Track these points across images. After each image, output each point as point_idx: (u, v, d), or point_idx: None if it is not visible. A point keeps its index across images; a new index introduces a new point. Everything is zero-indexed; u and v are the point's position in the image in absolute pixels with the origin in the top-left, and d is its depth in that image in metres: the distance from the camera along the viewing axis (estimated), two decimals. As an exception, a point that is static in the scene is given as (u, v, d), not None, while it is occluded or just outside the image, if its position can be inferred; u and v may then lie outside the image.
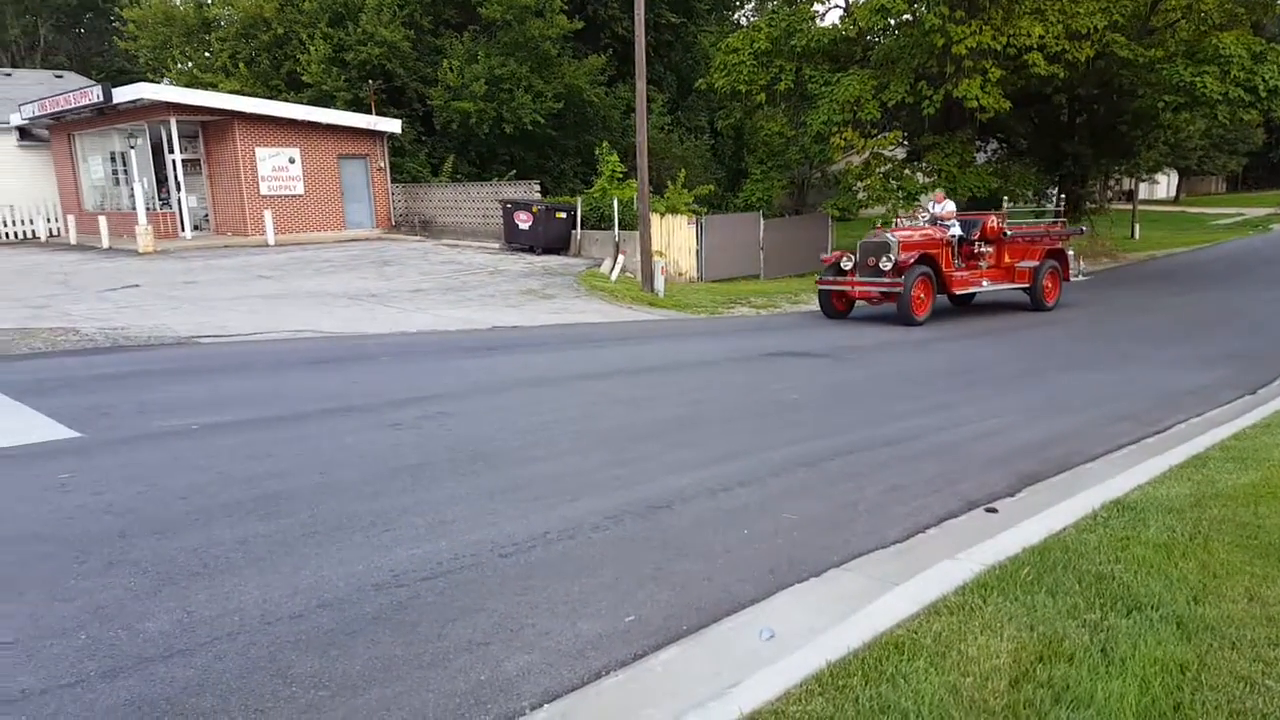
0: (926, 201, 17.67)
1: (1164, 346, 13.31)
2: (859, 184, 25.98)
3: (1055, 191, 32.42)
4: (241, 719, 3.26)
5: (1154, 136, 30.01)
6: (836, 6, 27.90)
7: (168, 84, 30.18)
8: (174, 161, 25.92)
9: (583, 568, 4.65)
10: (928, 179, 26.21)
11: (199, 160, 27.74)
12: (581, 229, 24.66)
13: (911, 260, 15.54)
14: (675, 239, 23.37)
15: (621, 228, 22.88)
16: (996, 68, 22.42)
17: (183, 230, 26.51)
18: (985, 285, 17.39)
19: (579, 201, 25.03)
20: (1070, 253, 18.79)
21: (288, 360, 10.90)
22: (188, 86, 28.91)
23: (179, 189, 26.37)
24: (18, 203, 29.78)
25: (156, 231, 24.57)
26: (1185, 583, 4.28)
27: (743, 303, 19.49)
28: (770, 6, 33.12)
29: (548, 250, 24.24)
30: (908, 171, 26.39)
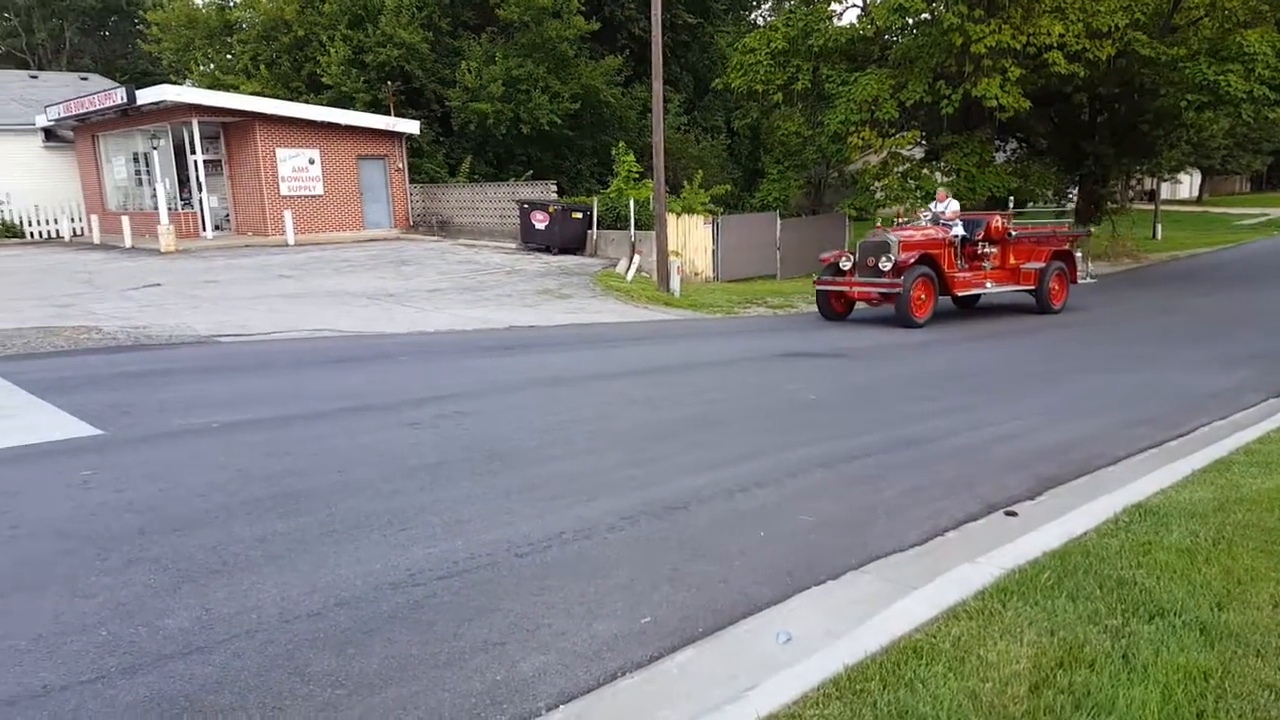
0: (933, 202, 17.44)
1: (1186, 348, 13.19)
2: (876, 184, 25.89)
3: (1074, 191, 32.24)
4: (259, 717, 3.27)
5: (1176, 136, 29.75)
6: (854, 6, 27.85)
7: (190, 86, 30.45)
8: (196, 162, 26.11)
9: (599, 568, 4.65)
10: (946, 179, 26.08)
11: (220, 161, 27.92)
12: (597, 229, 24.68)
13: (911, 260, 15.21)
14: (691, 239, 23.35)
15: (637, 228, 22.88)
16: (1016, 66, 22.28)
17: (204, 230, 26.70)
18: (989, 287, 17.02)
19: (595, 202, 25.05)
20: (1078, 254, 18.36)
21: (307, 359, 10.96)
22: (210, 88, 29.14)
23: (200, 189, 26.56)
24: (43, 202, 30.08)
25: (178, 231, 24.76)
26: (1209, 589, 4.23)
27: (759, 303, 19.44)
28: (787, 6, 33.03)
29: (564, 250, 24.26)
30: (926, 171, 26.28)
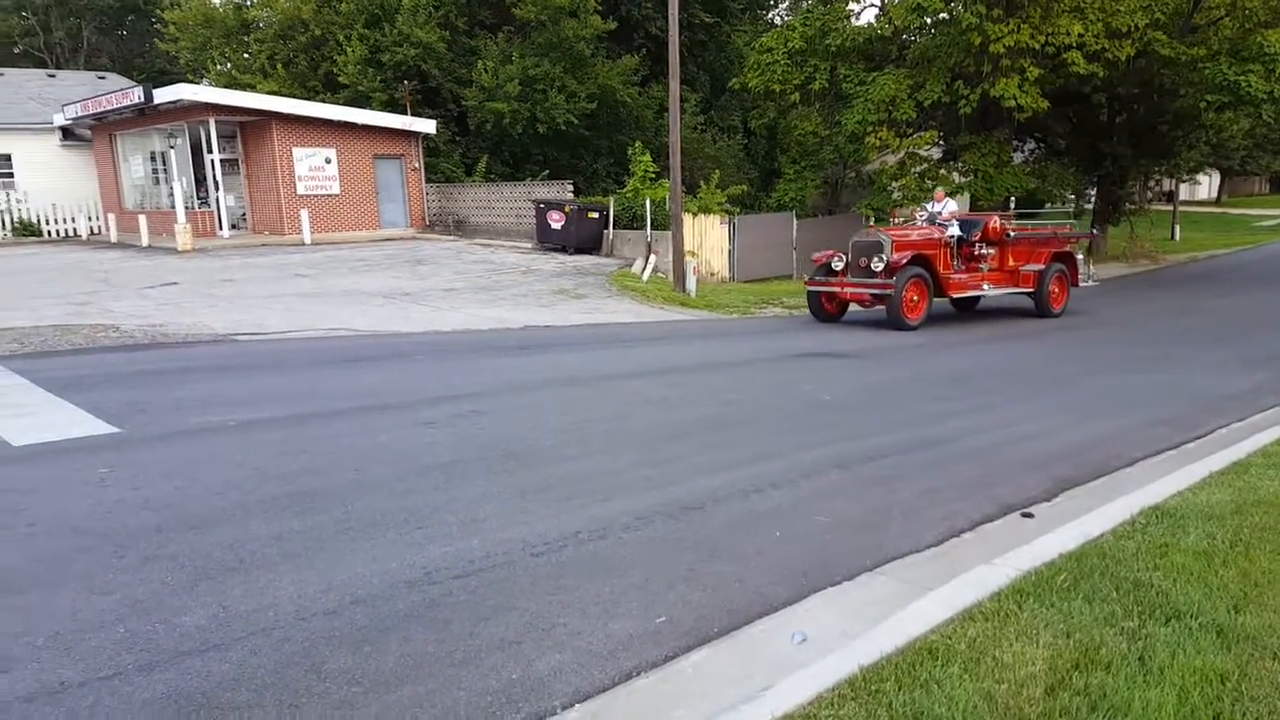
0: (939, 201, 17.13)
1: (1203, 349, 13.10)
2: (894, 184, 25.80)
3: (1093, 192, 32.05)
4: (276, 714, 3.28)
5: (1195, 136, 29.53)
6: (872, 5, 27.74)
7: (207, 85, 30.63)
8: (212, 161, 26.25)
9: (614, 568, 4.65)
10: (964, 179, 25.98)
11: (237, 160, 28.07)
12: (614, 229, 24.69)
13: (904, 261, 14.81)
14: (708, 239, 23.34)
15: (654, 228, 22.88)
16: (1034, 66, 22.17)
17: (220, 229, 26.85)
18: (986, 289, 16.62)
19: (611, 201, 25.06)
20: (1080, 256, 17.91)
21: (323, 358, 11.00)
22: (226, 87, 29.31)
23: (217, 188, 26.71)
24: (60, 201, 30.30)
25: (195, 230, 24.90)
26: (1226, 591, 4.21)
27: (775, 303, 19.41)
28: (805, 6, 32.97)
29: (580, 250, 24.28)
30: (943, 171, 26.16)
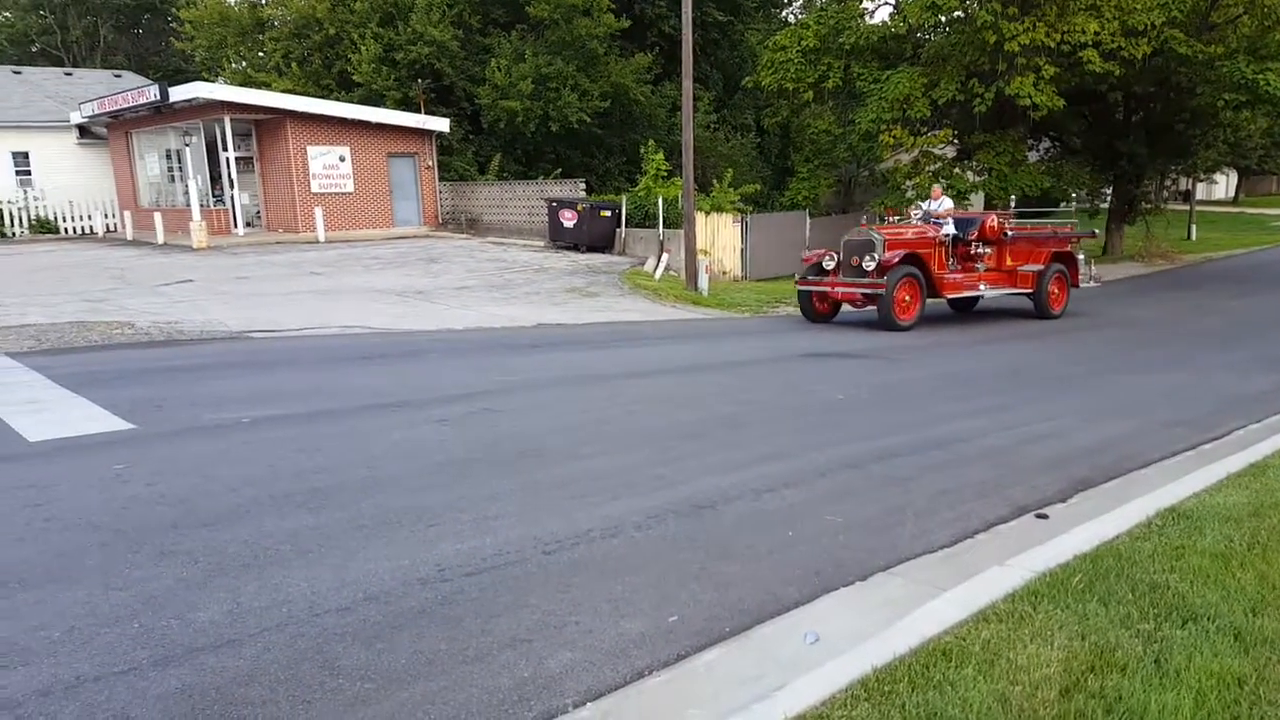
0: (936, 199, 16.74)
1: (1221, 350, 13.01)
2: (908, 182, 25.70)
3: (1108, 191, 31.87)
4: (289, 710, 3.29)
5: (1213, 135, 29.32)
6: (886, 4, 27.71)
7: (222, 83, 30.78)
8: (227, 159, 26.37)
9: (626, 566, 4.65)
10: (978, 178, 25.88)
11: (252, 158, 28.19)
12: (626, 227, 24.68)
13: (896, 260, 14.47)
14: (720, 238, 23.32)
15: (666, 226, 22.87)
16: (1050, 65, 22.05)
17: (235, 227, 26.96)
18: (982, 289, 16.24)
19: (624, 200, 25.05)
20: (1080, 256, 17.54)
21: (337, 355, 11.03)
22: (242, 86, 29.44)
23: (232, 186, 26.82)
24: (77, 199, 30.50)
25: (210, 228, 25.02)
26: (1243, 594, 4.18)
27: (788, 302, 19.33)
28: (819, 4, 32.89)
29: (592, 248, 24.29)
30: (958, 170, 26.07)
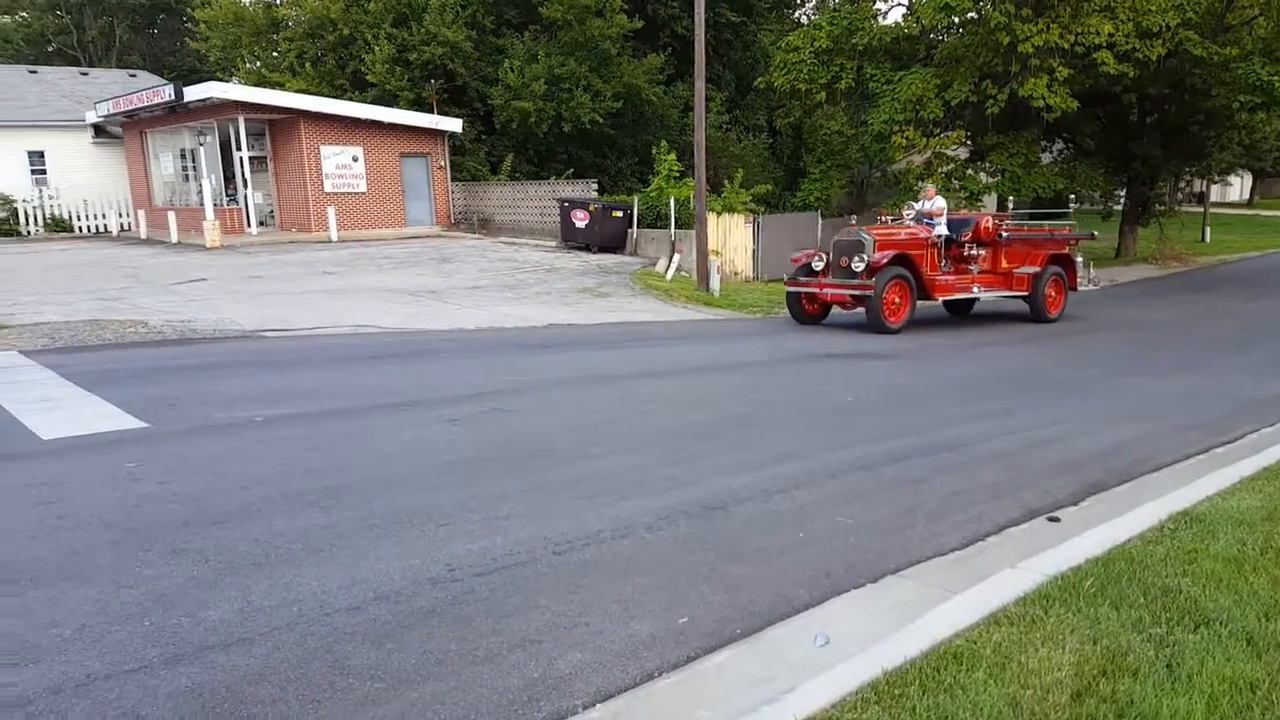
0: (929, 199, 16.35)
1: (1234, 353, 12.94)
2: (920, 184, 25.64)
3: (1122, 193, 31.73)
4: (298, 709, 3.30)
5: (1227, 137, 29.16)
6: (899, 5, 27.61)
7: (236, 83, 30.88)
8: (241, 159, 26.46)
9: (636, 567, 4.64)
10: (991, 179, 25.79)
11: (265, 158, 28.29)
12: (637, 228, 24.69)
13: (885, 261, 14.16)
14: (731, 238, 23.28)
15: (677, 227, 22.86)
16: (1064, 66, 21.97)
17: (249, 226, 27.06)
18: (976, 292, 15.93)
19: (635, 200, 25.06)
20: (1078, 259, 17.18)
21: (349, 355, 11.06)
22: (256, 86, 29.53)
23: (245, 186, 26.92)
24: (92, 197, 30.65)
25: (223, 227, 25.11)
26: (1256, 598, 4.15)
27: (800, 303, 19.31)
28: (831, 5, 32.85)
29: (604, 249, 24.30)
30: (970, 171, 25.99)
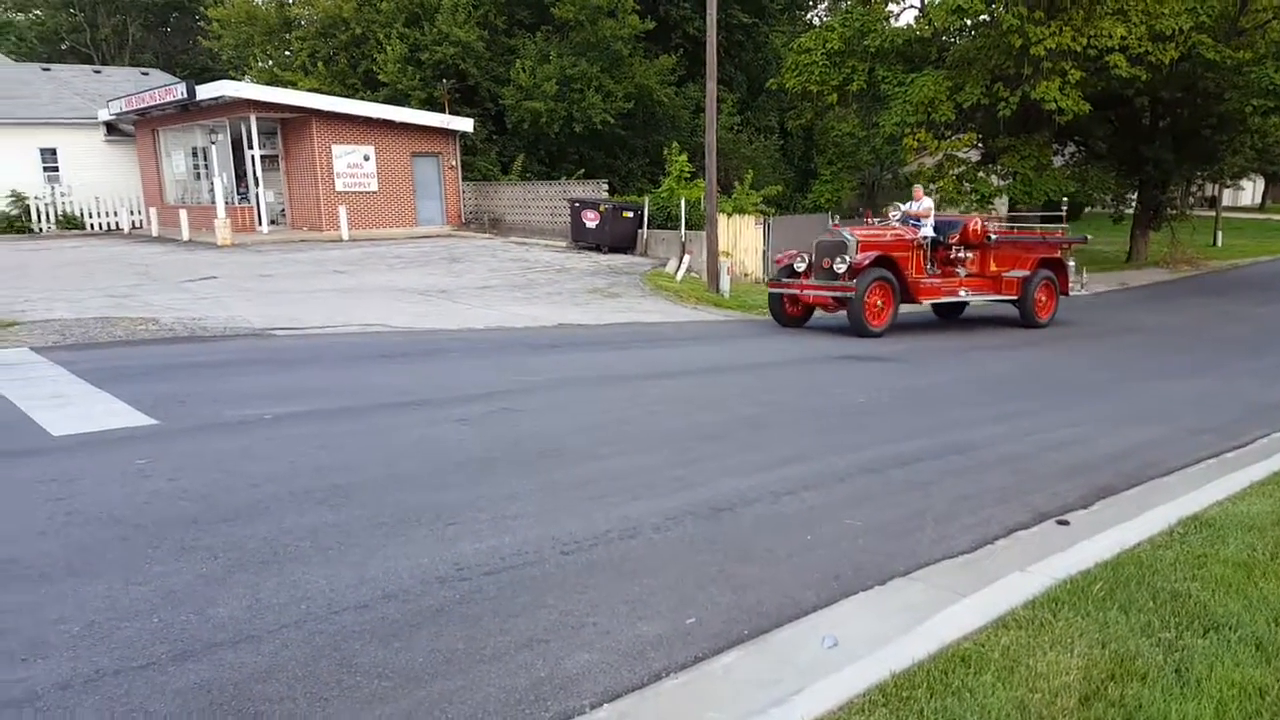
0: (917, 200, 16.00)
1: (1246, 357, 12.88)
2: (932, 186, 25.59)
3: (1134, 197, 31.61)
4: (306, 707, 3.31)
5: (1240, 141, 29.03)
6: (911, 7, 27.55)
7: (249, 82, 30.98)
8: (253, 157, 26.56)
9: (644, 568, 4.64)
10: (1003, 182, 25.72)
11: (277, 156, 28.38)
12: (648, 228, 24.68)
13: (867, 262, 13.83)
14: (742, 239, 23.25)
15: (688, 227, 22.84)
16: (1076, 69, 21.90)
17: (260, 224, 27.15)
18: (963, 295, 15.63)
19: (646, 201, 25.05)
20: (1071, 263, 16.83)
21: (359, 353, 11.08)
22: (268, 84, 29.59)
23: (257, 184, 27.01)
24: (104, 195, 30.78)
25: (234, 225, 25.20)
26: (1266, 604, 4.14)
27: (809, 305, 19.29)
28: (843, 6, 32.82)
29: (614, 249, 24.30)
30: (982, 174, 25.93)
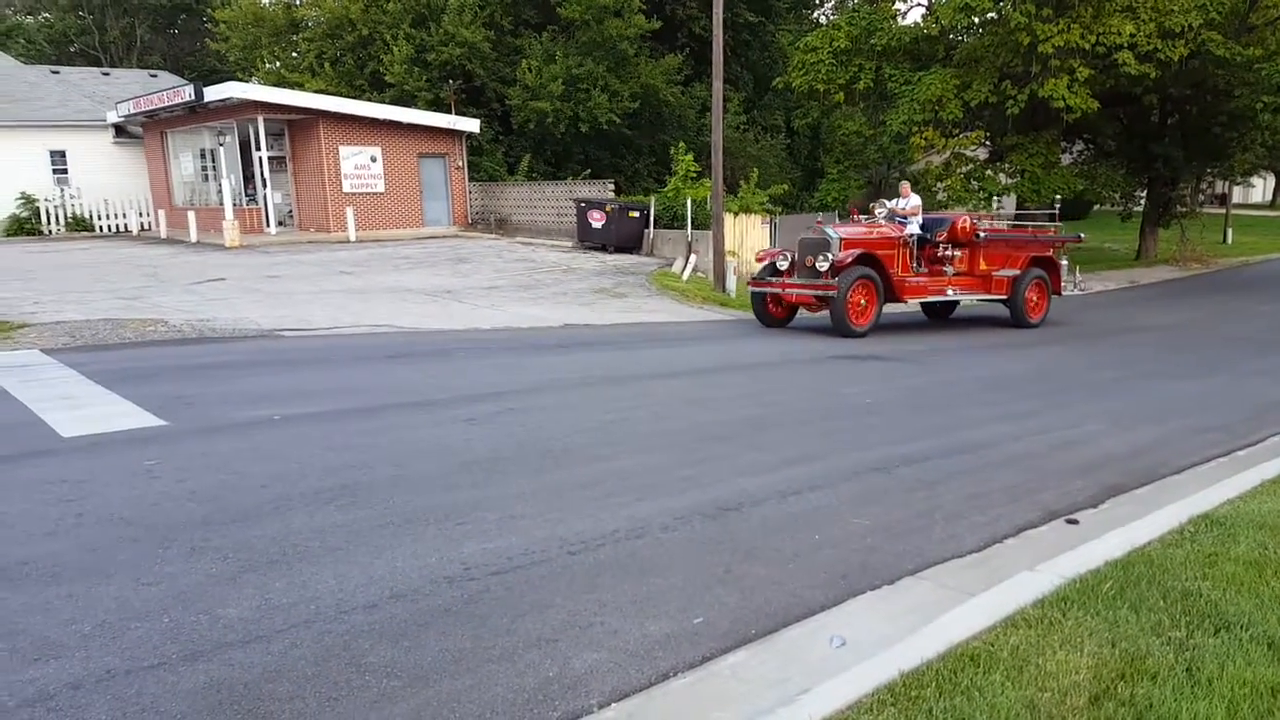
0: (905, 197, 15.68)
1: (1257, 356, 12.83)
2: (939, 184, 25.55)
3: (1143, 194, 31.51)
4: (315, 707, 3.31)
5: (1250, 138, 28.93)
6: (919, 5, 27.52)
7: (256, 83, 31.05)
8: (260, 159, 26.61)
9: (651, 568, 4.64)
10: (1011, 180, 25.66)
11: (284, 158, 28.44)
12: (654, 228, 24.68)
13: (849, 260, 13.61)
14: (748, 239, 23.24)
15: (694, 227, 22.84)
16: (1084, 67, 21.85)
17: (267, 226, 27.21)
18: (951, 294, 15.36)
19: (652, 201, 25.06)
20: (1064, 261, 16.52)
21: (366, 354, 11.11)
22: (275, 86, 29.68)
23: (265, 185, 27.07)
24: (112, 197, 30.87)
25: (242, 227, 25.27)
26: (1277, 602, 4.12)
27: (817, 304, 19.25)
28: (850, 5, 32.77)
29: (620, 249, 24.30)
30: (990, 172, 25.87)
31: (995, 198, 24.73)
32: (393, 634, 3.84)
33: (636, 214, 24.60)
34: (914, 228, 15.03)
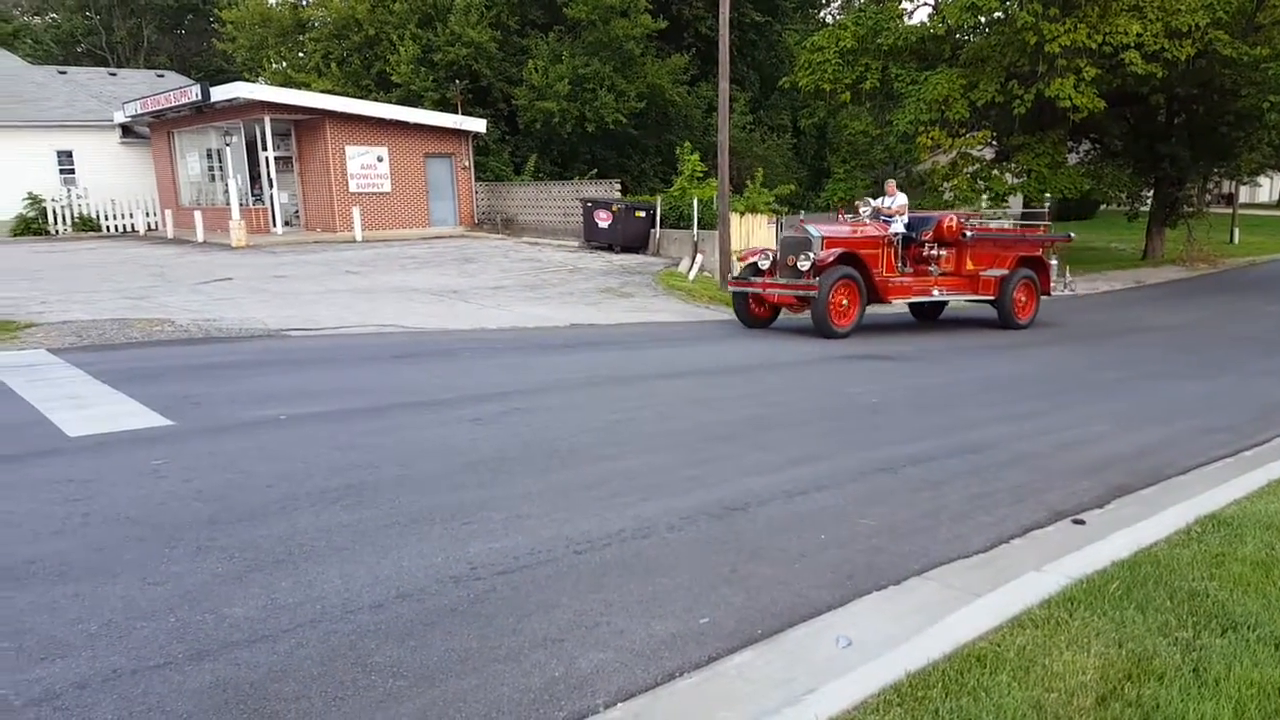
0: (890, 195, 15.41)
1: (1263, 356, 12.78)
2: (945, 184, 25.52)
3: (1149, 194, 31.42)
4: (321, 706, 3.32)
5: (1257, 138, 28.82)
6: (925, 4, 27.55)
7: (263, 83, 31.09)
8: (267, 159, 26.67)
9: (657, 567, 4.64)
10: (1017, 180, 25.61)
11: (291, 158, 28.49)
12: (660, 228, 24.68)
13: (831, 260, 13.40)
14: (754, 238, 23.19)
15: (700, 227, 22.82)
16: (1091, 66, 21.80)
17: (274, 226, 27.27)
18: (937, 295, 15.12)
19: (658, 201, 25.05)
20: (1053, 261, 16.27)
21: (372, 354, 11.12)
22: (282, 86, 29.74)
23: (271, 186, 27.13)
24: (119, 197, 30.95)
25: (249, 227, 25.30)
26: (1286, 603, 4.10)
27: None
28: (857, 4, 32.75)
29: (626, 249, 24.31)
30: (996, 172, 25.82)
31: (1004, 198, 24.65)
32: (399, 634, 3.85)
33: (643, 214, 24.60)
34: (899, 226, 14.78)
